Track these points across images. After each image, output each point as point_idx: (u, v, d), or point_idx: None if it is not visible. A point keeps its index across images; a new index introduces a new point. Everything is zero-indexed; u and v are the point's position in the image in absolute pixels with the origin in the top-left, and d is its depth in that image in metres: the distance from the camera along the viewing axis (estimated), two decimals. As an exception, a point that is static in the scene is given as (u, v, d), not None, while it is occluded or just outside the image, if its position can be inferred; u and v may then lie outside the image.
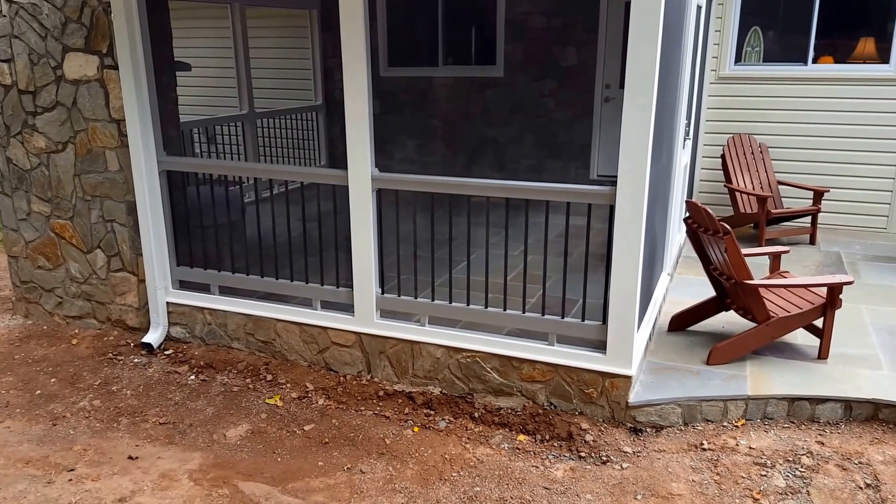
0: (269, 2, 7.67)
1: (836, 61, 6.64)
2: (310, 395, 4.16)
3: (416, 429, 3.78)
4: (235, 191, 5.14)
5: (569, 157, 7.71)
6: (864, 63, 6.53)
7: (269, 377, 4.36)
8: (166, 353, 4.71)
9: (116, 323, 5.00)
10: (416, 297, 4.08)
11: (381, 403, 4.04)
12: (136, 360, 4.65)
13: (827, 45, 6.66)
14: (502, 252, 3.93)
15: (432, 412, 3.94)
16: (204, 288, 4.67)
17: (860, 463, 3.36)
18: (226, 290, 4.64)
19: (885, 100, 6.42)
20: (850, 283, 3.93)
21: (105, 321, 5.05)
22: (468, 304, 3.96)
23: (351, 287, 4.16)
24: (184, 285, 4.75)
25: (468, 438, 3.70)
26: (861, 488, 3.19)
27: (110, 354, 4.72)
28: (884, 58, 6.44)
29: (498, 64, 7.68)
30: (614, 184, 3.44)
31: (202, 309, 4.67)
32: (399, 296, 4.12)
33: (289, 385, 4.27)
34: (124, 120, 4.45)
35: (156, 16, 4.36)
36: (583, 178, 7.62)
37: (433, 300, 4.03)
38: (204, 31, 8.79)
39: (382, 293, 4.15)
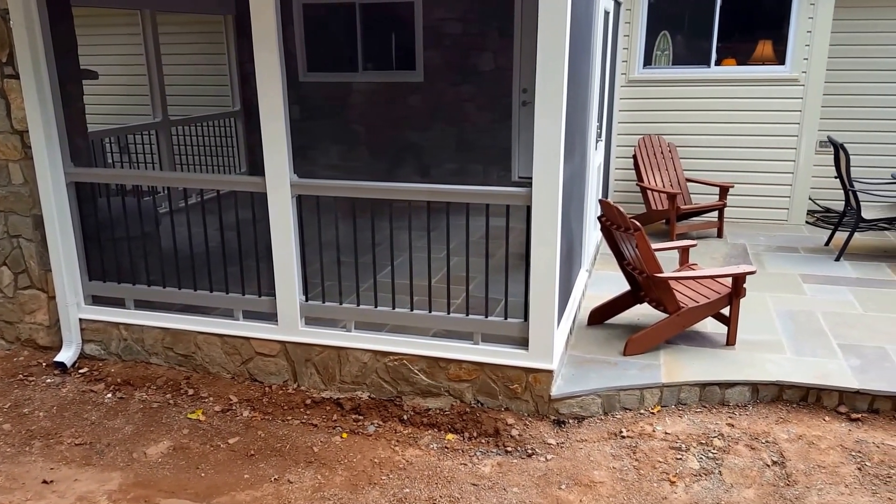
0: (181, 8, 7.47)
1: (739, 63, 7.04)
2: (234, 407, 4.08)
3: (344, 435, 3.78)
4: (150, 201, 4.97)
5: (490, 161, 7.85)
6: (763, 64, 6.95)
7: (191, 391, 4.25)
8: (81, 371, 4.51)
9: (26, 342, 4.76)
10: (341, 303, 4.07)
11: (308, 412, 4.00)
12: (48, 380, 4.44)
13: (729, 48, 7.05)
14: (426, 255, 3.97)
15: (361, 417, 3.94)
16: (119, 302, 4.51)
17: (767, 442, 3.58)
18: (142, 304, 4.49)
19: (783, 99, 6.86)
20: (752, 272, 4.18)
21: (14, 341, 4.79)
22: (394, 308, 3.98)
23: (273, 296, 4.11)
24: (97, 300, 4.57)
25: (397, 441, 3.72)
26: (768, 466, 3.40)
27: (20, 376, 4.49)
28: (780, 59, 6.87)
29: (418, 69, 7.75)
30: (531, 185, 3.55)
31: (117, 324, 4.50)
32: (324, 302, 4.10)
33: (211, 398, 4.17)
34: (27, 131, 4.25)
35: (59, 24, 4.19)
36: (505, 181, 7.78)
37: (358, 305, 4.04)
38: (114, 38, 8.48)
39: (306, 300, 4.12)
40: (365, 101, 8.05)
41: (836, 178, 6.12)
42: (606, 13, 5.20)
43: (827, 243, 6.38)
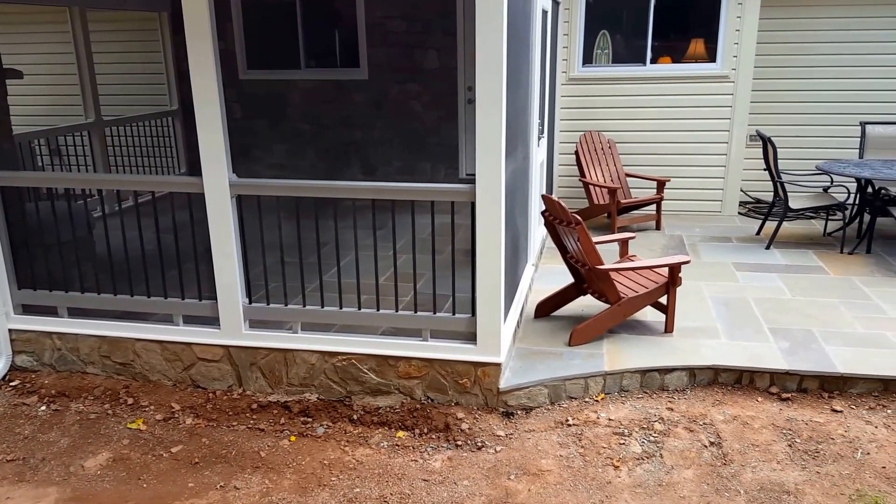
0: (111, 4, 7.23)
1: (674, 61, 7.27)
2: (176, 415, 3.98)
3: (292, 438, 3.74)
4: (82, 205, 4.80)
5: (438, 158, 7.89)
6: (696, 62, 7.20)
7: (131, 401, 4.13)
8: (12, 384, 4.32)
9: (-50, 357, 4.52)
10: (286, 305, 4.02)
11: (254, 416, 3.95)
12: (-25, 395, 4.24)
13: (666, 47, 7.27)
14: (373, 254, 3.97)
15: (310, 419, 3.90)
16: (51, 311, 4.34)
17: (704, 424, 3.72)
18: (76, 312, 4.33)
19: (715, 95, 7.12)
20: (687, 262, 4.34)
21: (-64, 356, 4.55)
22: (341, 308, 3.96)
23: (215, 299, 4.03)
24: (28, 309, 4.38)
25: (347, 441, 3.70)
26: (706, 447, 3.54)
27: (-56, 392, 4.27)
28: (712, 57, 7.13)
29: (362, 67, 7.71)
30: (472, 182, 3.59)
31: (50, 334, 4.33)
32: (268, 304, 4.04)
33: (153, 407, 4.06)
34: (-55, 133, 4.04)
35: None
36: (453, 178, 7.83)
37: (304, 306, 4.00)
38: (42, 37, 8.14)
39: (250, 303, 4.06)
40: (309, 98, 7.96)
41: (765, 170, 6.39)
42: (545, 12, 5.29)
43: (758, 232, 6.66)
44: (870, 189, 6.24)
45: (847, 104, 7.28)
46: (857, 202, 6.57)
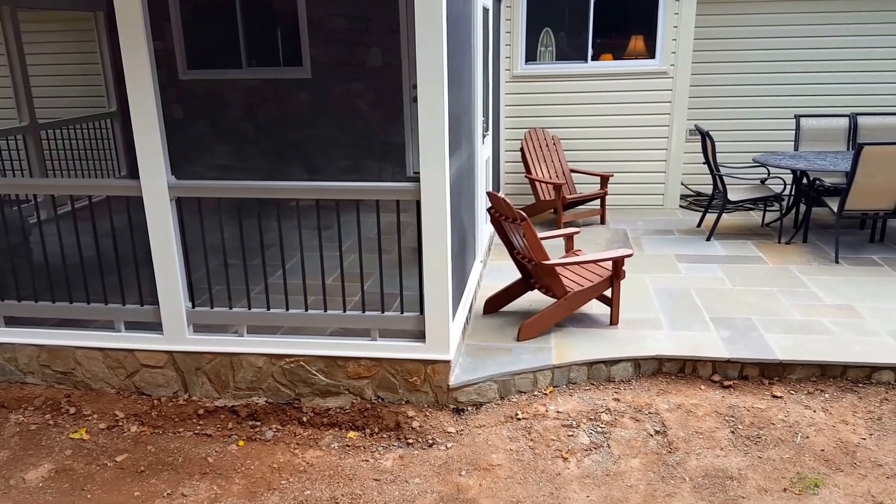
0: (44, 4, 6.96)
1: (615, 58, 7.41)
2: (120, 423, 3.88)
3: (241, 443, 3.68)
4: (17, 212, 4.62)
5: (385, 157, 7.86)
6: (636, 59, 7.36)
7: (73, 410, 4.00)
8: (-58, 400, 4.13)
9: None
10: (231, 308, 3.95)
11: (201, 422, 3.87)
12: None
13: (607, 44, 7.41)
14: (319, 255, 3.93)
15: (258, 423, 3.85)
16: (-15, 322, 4.17)
17: (650, 413, 3.82)
18: (13, 321, 4.17)
19: (655, 91, 7.29)
20: (630, 255, 4.44)
21: None
22: (287, 309, 3.92)
23: (157, 304, 3.93)
24: (-41, 321, 4.20)
25: (297, 444, 3.67)
26: (652, 435, 3.63)
27: None
28: (651, 53, 7.30)
29: (305, 66, 7.62)
30: (418, 181, 3.59)
31: (-16, 345, 4.16)
32: (212, 308, 3.97)
33: (96, 416, 3.95)
34: None
35: None
36: (400, 177, 7.81)
37: (250, 309, 3.94)
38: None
39: (193, 307, 3.98)
40: (252, 98, 7.83)
41: (704, 163, 6.58)
42: (486, 10, 5.33)
43: (699, 225, 6.86)
44: (805, 180, 6.50)
45: (782, 98, 7.56)
46: (792, 193, 6.83)
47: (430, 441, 3.62)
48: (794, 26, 7.38)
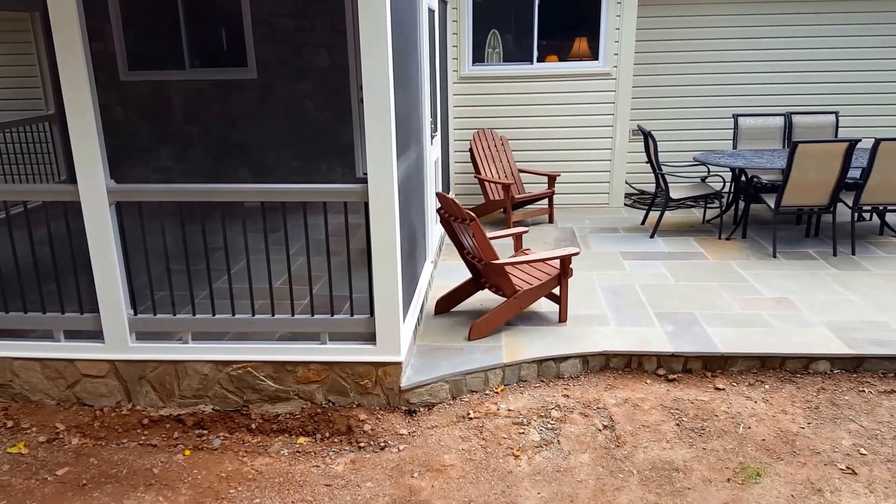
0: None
1: (560, 59, 7.53)
2: (61, 435, 3.73)
3: (187, 452, 3.59)
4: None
5: (334, 158, 7.78)
6: (581, 60, 7.49)
7: (10, 423, 3.83)
8: None
9: None
10: (174, 315, 3.85)
11: (146, 432, 3.76)
12: None
13: (552, 46, 7.51)
14: (265, 258, 3.86)
15: (205, 432, 3.76)
16: (-90, 335, 3.96)
17: (598, 408, 3.89)
18: (-60, 335, 3.97)
19: (599, 92, 7.43)
20: (576, 253, 4.51)
21: None
22: (234, 315, 3.84)
23: (98, 312, 3.80)
24: None
25: (246, 452, 3.60)
26: (600, 430, 3.70)
27: None
28: (595, 55, 7.44)
29: (250, 66, 7.48)
30: (366, 182, 3.57)
31: None
32: (155, 315, 3.86)
33: (35, 428, 3.79)
34: None
35: None
36: (350, 178, 7.75)
37: (194, 315, 3.85)
38: None
39: (135, 314, 3.86)
40: (195, 99, 7.64)
41: (647, 162, 6.74)
42: (431, 11, 5.34)
43: (643, 222, 7.03)
44: (743, 177, 6.72)
45: (721, 98, 7.81)
46: (732, 190, 7.06)
47: (383, 444, 3.60)
48: (731, 28, 7.64)
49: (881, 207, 6.01)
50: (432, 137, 5.52)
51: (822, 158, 5.63)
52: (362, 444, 3.61)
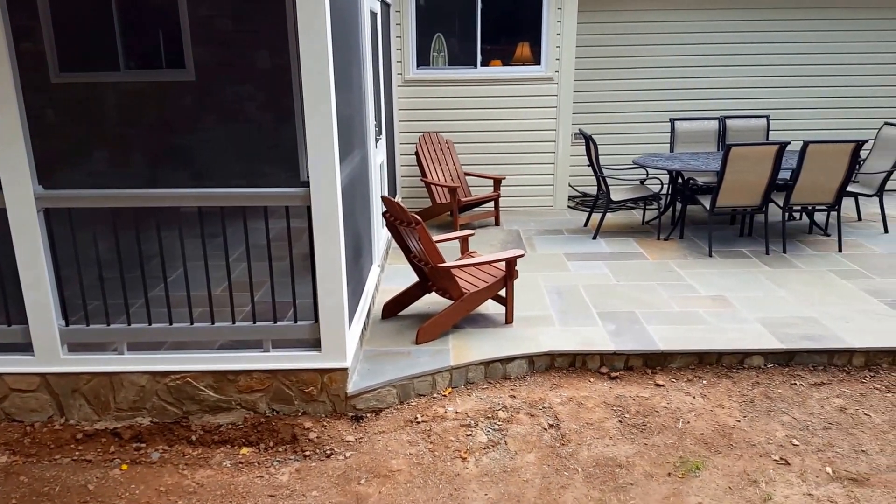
0: None
1: (504, 64, 7.60)
2: (-14, 456, 3.55)
3: (124, 466, 3.46)
4: None
5: (277, 162, 7.65)
6: (523, 65, 7.58)
7: (-72, 446, 3.62)
8: None
9: None
10: (108, 325, 3.71)
11: (80, 447, 3.61)
12: None
13: (497, 50, 7.58)
14: (204, 264, 3.76)
15: (143, 445, 3.64)
16: None
17: (544, 408, 3.93)
18: None
19: (541, 96, 7.54)
20: (521, 255, 4.56)
21: None
22: (171, 324, 3.73)
23: (26, 323, 3.63)
24: None
25: (186, 464, 3.49)
26: (546, 429, 3.74)
27: None
28: (537, 60, 7.54)
29: (188, 68, 7.28)
30: (308, 185, 3.53)
31: None
32: (88, 325, 3.71)
33: (-44, 450, 3.59)
34: None
35: None
36: (294, 182, 7.62)
37: (129, 324, 3.71)
38: None
39: (67, 325, 3.70)
40: (131, 101, 7.39)
41: (588, 166, 6.88)
42: (373, 14, 5.32)
43: (585, 224, 7.16)
44: (680, 180, 6.92)
45: (658, 102, 8.04)
46: (669, 192, 7.26)
47: (329, 451, 3.55)
48: (668, 34, 7.87)
49: (810, 207, 6.28)
50: (377, 140, 5.50)
51: (753, 160, 5.85)
52: (308, 453, 3.55)
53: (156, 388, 3.74)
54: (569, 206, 7.95)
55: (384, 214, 4.59)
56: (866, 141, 6.12)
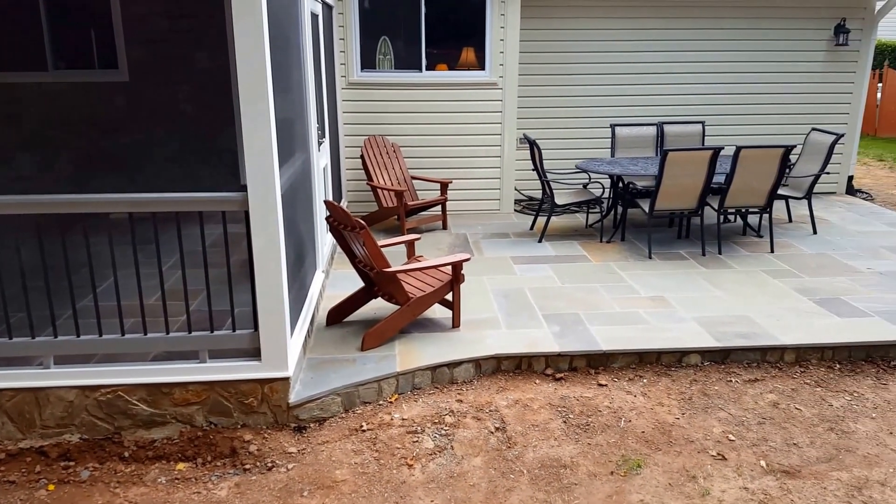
0: None
1: (450, 68, 7.61)
2: None
3: (51, 487, 3.28)
4: None
5: (217, 165, 7.44)
6: (469, 70, 7.60)
7: None
8: None
9: None
10: (33, 337, 3.52)
11: (2, 468, 3.40)
12: None
13: (442, 54, 7.58)
14: (136, 273, 3.61)
15: (72, 463, 3.46)
16: None
17: (490, 411, 3.93)
18: None
19: (487, 101, 7.58)
20: (467, 259, 4.55)
21: None
22: (101, 335, 3.56)
23: (-59, 338, 3.41)
24: None
25: (118, 482, 3.34)
26: (492, 432, 3.73)
27: None
28: (482, 65, 7.58)
29: (121, 68, 7.03)
30: (247, 190, 3.43)
31: None
32: (10, 339, 3.51)
33: None
34: None
35: None
36: (234, 185, 7.44)
37: (56, 337, 3.53)
38: None
39: (-13, 339, 3.50)
40: (59, 103, 7.08)
41: (533, 170, 6.94)
42: (315, 15, 5.24)
43: (531, 227, 7.23)
44: (621, 184, 7.06)
45: (600, 108, 8.18)
46: (611, 196, 7.39)
47: (270, 464, 3.45)
48: (608, 42, 8.03)
49: (743, 209, 6.50)
50: (320, 144, 5.41)
51: (689, 165, 6.01)
52: (248, 466, 3.45)
53: (85, 403, 3.56)
54: (515, 210, 8.01)
55: (327, 219, 4.51)
56: (795, 146, 6.37)
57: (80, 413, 3.57)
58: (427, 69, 7.48)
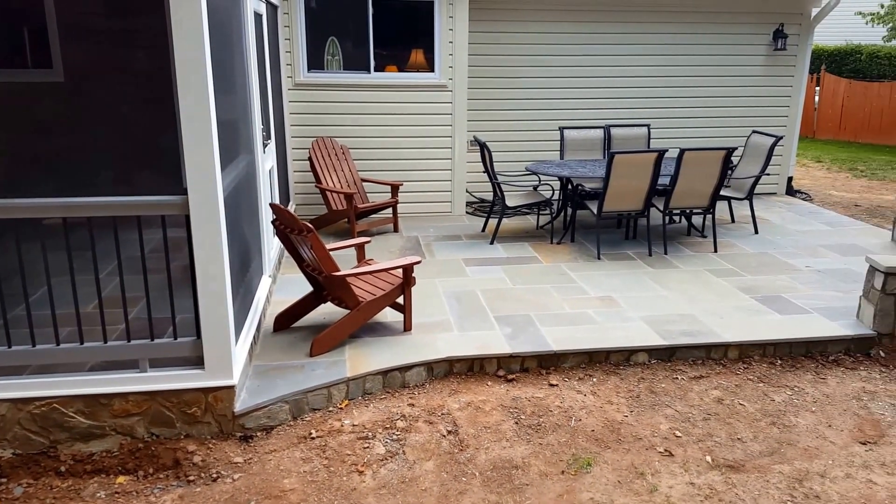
0: None
1: (399, 70, 7.57)
2: None
3: (-21, 507, 3.12)
4: None
5: (158, 168, 7.20)
6: (418, 71, 7.58)
7: None
8: None
9: None
10: (-41, 349, 3.34)
11: (-75, 490, 3.22)
12: None
13: (391, 56, 7.53)
14: (72, 281, 3.46)
15: (4, 480, 3.29)
16: None
17: (442, 414, 3.90)
18: None
19: (437, 103, 7.57)
20: (418, 262, 4.52)
21: None
22: (34, 345, 3.39)
23: None
24: None
25: (54, 498, 3.19)
26: (444, 436, 3.71)
27: None
28: (431, 67, 7.56)
29: (56, 68, 6.75)
30: (187, 192, 3.32)
31: None
32: (-66, 351, 3.32)
33: None
34: None
35: None
36: (177, 189, 7.23)
37: (-15, 348, 3.36)
38: None
39: None
40: (-9, 104, 6.76)
41: (484, 172, 6.96)
42: (258, 15, 5.13)
43: (483, 229, 7.24)
44: (570, 186, 7.14)
45: (549, 111, 8.27)
46: (560, 198, 7.47)
47: (215, 475, 3.35)
48: (556, 45, 8.12)
49: (687, 210, 6.65)
50: (265, 146, 5.30)
51: (635, 167, 6.12)
52: (192, 478, 3.34)
53: (18, 416, 3.39)
54: (467, 212, 8.02)
55: (273, 223, 4.42)
56: (737, 148, 6.56)
57: (12, 427, 3.40)
58: (376, 70, 7.42)
